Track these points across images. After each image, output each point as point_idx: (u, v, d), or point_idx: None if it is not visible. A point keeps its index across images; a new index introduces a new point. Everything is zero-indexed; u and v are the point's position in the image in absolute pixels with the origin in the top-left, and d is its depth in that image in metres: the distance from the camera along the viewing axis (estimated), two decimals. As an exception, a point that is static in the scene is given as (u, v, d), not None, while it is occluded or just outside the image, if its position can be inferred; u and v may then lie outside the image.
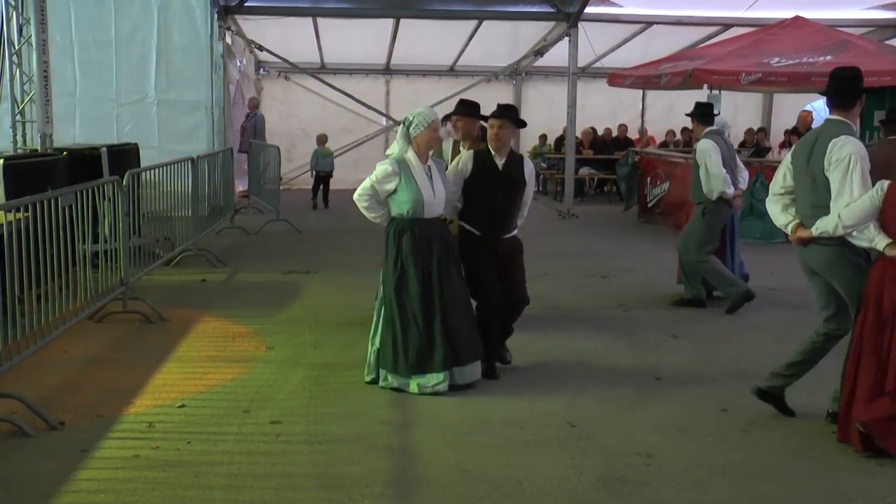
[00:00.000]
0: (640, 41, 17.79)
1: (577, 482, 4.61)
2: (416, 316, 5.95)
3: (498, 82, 19.78)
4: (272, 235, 13.13)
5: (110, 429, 5.27)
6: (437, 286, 5.99)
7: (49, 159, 9.41)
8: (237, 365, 6.63)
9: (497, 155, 6.44)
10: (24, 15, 9.89)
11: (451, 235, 6.28)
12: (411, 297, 5.97)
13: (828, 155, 5.26)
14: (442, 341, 5.93)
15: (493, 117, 6.46)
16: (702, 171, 8.60)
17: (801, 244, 5.47)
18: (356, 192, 6.13)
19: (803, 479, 4.69)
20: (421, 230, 6.01)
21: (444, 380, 5.96)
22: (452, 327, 5.99)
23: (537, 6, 15.50)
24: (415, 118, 6.05)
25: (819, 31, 14.32)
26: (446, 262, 6.06)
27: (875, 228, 5.02)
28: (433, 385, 5.95)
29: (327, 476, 4.64)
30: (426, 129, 6.01)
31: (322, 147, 16.91)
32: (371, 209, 6.13)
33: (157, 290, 8.95)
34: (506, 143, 6.48)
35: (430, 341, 5.94)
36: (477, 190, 6.41)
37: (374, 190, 6.04)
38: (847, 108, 5.51)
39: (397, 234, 6.04)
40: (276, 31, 16.88)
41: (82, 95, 14.78)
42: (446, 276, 6.04)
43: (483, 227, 6.44)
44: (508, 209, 6.49)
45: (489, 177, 6.40)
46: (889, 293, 4.95)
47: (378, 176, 6.01)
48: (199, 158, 11.32)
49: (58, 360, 6.59)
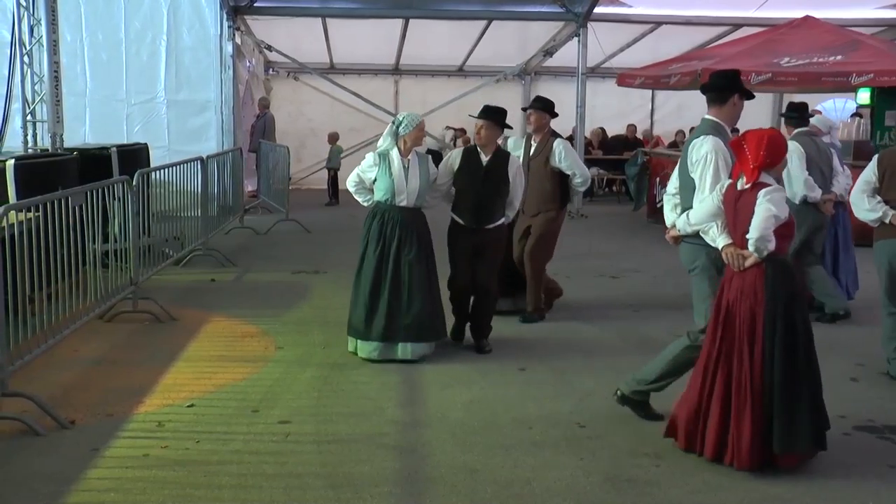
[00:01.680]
0: (650, 41, 17.75)
1: (585, 482, 4.61)
2: (365, 289, 6.71)
3: (507, 82, 19.75)
4: (281, 235, 13.15)
5: (120, 428, 5.29)
6: (391, 267, 6.69)
7: (59, 159, 9.43)
8: (246, 365, 6.64)
9: (483, 152, 7.07)
10: (35, 16, 9.93)
11: (424, 225, 6.91)
12: (365, 273, 6.76)
13: (689, 155, 5.27)
14: (383, 316, 6.63)
15: (478, 118, 7.09)
16: (785, 172, 8.23)
17: (675, 243, 5.47)
18: (348, 179, 7.02)
19: (814, 481, 4.68)
20: (390, 216, 6.77)
21: (375, 349, 6.68)
22: (398, 306, 6.66)
23: (546, 6, 15.49)
24: (404, 119, 6.84)
25: (829, 30, 14.25)
26: (408, 247, 6.72)
27: (718, 228, 4.95)
28: (367, 352, 6.71)
29: (336, 476, 4.65)
30: (414, 129, 6.80)
31: (336, 145, 17.32)
32: (359, 193, 6.96)
33: (167, 289, 8.97)
34: (490, 142, 7.07)
35: (371, 313, 6.66)
36: (462, 183, 7.05)
37: (359, 177, 6.91)
38: (719, 105, 5.37)
39: (370, 217, 6.86)
40: (285, 31, 16.91)
41: (92, 95, 14.87)
42: (405, 260, 6.70)
43: (467, 217, 7.04)
44: (490, 202, 7.04)
45: (474, 172, 7.03)
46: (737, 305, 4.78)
47: (363, 165, 6.91)
48: (209, 158, 11.36)
49: (68, 360, 6.61)
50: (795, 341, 4.71)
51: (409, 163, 6.79)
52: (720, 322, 4.84)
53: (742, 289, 4.77)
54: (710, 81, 5.46)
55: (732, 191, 4.88)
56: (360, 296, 6.74)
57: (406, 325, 6.65)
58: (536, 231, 8.00)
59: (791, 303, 4.73)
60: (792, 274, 4.85)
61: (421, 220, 6.90)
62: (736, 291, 4.79)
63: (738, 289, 4.79)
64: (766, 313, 4.68)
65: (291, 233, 13.35)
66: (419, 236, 6.79)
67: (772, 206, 4.64)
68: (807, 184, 7.98)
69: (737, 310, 4.78)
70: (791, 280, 4.80)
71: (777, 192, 4.72)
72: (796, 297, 4.79)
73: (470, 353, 7.04)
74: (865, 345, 7.21)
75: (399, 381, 6.30)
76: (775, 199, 4.67)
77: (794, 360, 4.69)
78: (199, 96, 15.01)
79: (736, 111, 5.39)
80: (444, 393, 6.04)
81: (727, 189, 4.93)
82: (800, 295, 4.86)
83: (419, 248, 6.76)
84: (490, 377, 6.39)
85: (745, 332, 4.72)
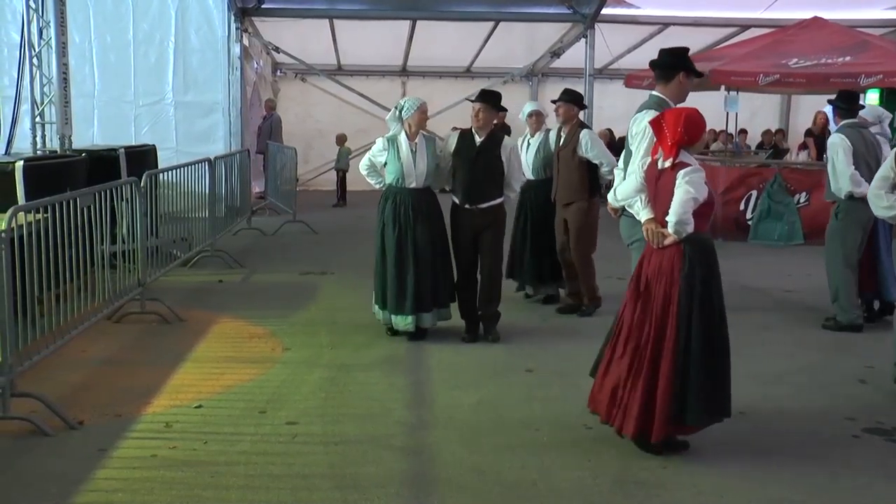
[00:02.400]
0: (657, 42, 17.65)
1: (592, 484, 4.60)
2: (392, 268, 7.16)
3: (514, 84, 19.75)
4: (288, 236, 13.17)
5: (128, 428, 5.30)
6: (411, 245, 7.14)
7: (68, 161, 9.46)
8: (254, 366, 6.65)
9: (477, 134, 7.35)
10: (44, 18, 9.95)
11: (435, 204, 7.32)
12: (388, 253, 7.19)
13: (630, 128, 5.39)
14: (412, 292, 7.13)
15: (475, 101, 7.35)
16: (829, 167, 7.89)
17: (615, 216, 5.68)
18: (361, 162, 7.49)
19: (822, 483, 4.66)
20: (402, 198, 7.21)
21: (411, 322, 7.19)
22: (420, 280, 7.13)
23: (554, 7, 15.49)
24: (405, 103, 7.29)
25: (838, 31, 14.22)
26: (422, 226, 7.17)
27: (642, 203, 5.02)
28: (404, 325, 7.22)
29: (343, 477, 4.65)
30: (416, 111, 7.21)
31: (344, 146, 17.36)
32: (371, 176, 7.44)
33: (175, 290, 8.99)
34: (486, 124, 7.33)
35: (402, 290, 7.15)
36: (458, 163, 7.35)
37: (370, 161, 7.37)
38: (665, 82, 5.47)
39: (383, 199, 7.31)
40: (292, 32, 16.94)
41: (100, 97, 14.91)
42: (420, 238, 7.14)
43: (461, 195, 7.34)
44: (481, 180, 7.29)
45: (467, 152, 7.33)
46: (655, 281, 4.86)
47: (373, 150, 7.36)
48: (216, 159, 11.37)
49: (76, 360, 6.63)
50: (711, 322, 4.79)
51: (416, 146, 7.19)
52: (638, 294, 4.92)
53: (660, 266, 4.85)
54: (658, 58, 5.56)
55: (653, 168, 4.96)
56: (388, 275, 7.18)
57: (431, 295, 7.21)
58: (573, 225, 8.32)
59: (708, 282, 4.80)
60: (709, 253, 4.88)
61: (432, 200, 7.34)
62: (654, 268, 4.88)
63: (656, 266, 4.88)
64: (681, 293, 4.75)
65: (299, 234, 13.36)
66: (430, 215, 7.25)
67: (690, 188, 4.69)
68: (852, 179, 7.65)
69: (654, 286, 4.85)
70: (708, 259, 4.85)
71: (695, 172, 4.76)
72: (713, 277, 4.85)
73: (478, 354, 7.04)
74: (875, 346, 7.17)
75: (406, 383, 6.31)
76: (694, 181, 4.72)
77: (709, 338, 4.77)
78: (206, 98, 15.04)
79: (682, 89, 5.48)
80: (452, 394, 6.04)
81: (648, 166, 5.01)
82: (716, 274, 4.89)
83: (431, 226, 7.23)
84: (497, 378, 6.39)
85: (659, 309, 4.80)
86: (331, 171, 18.00)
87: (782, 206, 12.85)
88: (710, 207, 4.87)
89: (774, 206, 12.86)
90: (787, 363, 6.90)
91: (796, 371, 6.69)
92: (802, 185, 12.90)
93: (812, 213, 12.43)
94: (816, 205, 11.90)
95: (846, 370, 6.60)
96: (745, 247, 12.57)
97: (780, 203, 12.87)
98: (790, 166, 14.33)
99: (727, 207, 13.19)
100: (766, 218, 12.88)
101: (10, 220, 5.34)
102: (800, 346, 7.40)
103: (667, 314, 4.77)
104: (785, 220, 12.81)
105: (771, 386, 6.30)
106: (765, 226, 12.86)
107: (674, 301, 4.75)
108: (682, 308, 4.73)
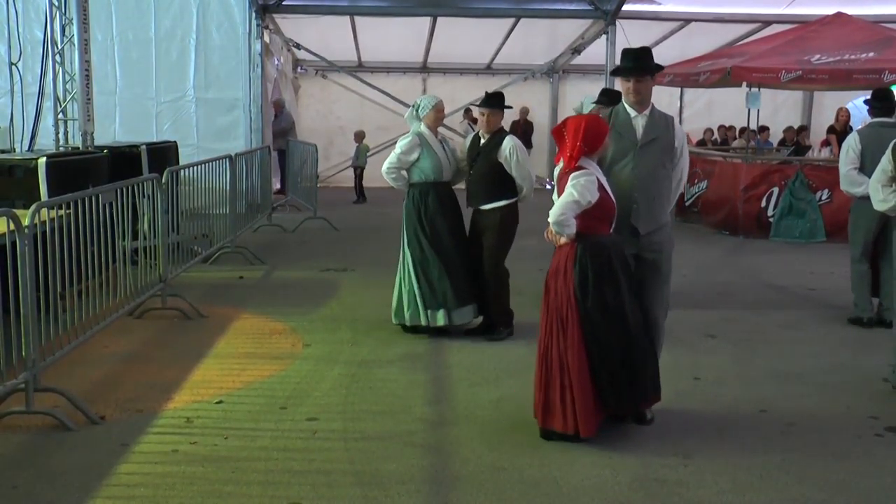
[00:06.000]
0: (679, 39, 17.63)
1: (613, 482, 4.59)
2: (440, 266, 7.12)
3: (535, 80, 19.71)
4: (309, 233, 13.20)
5: (149, 424, 5.33)
6: (445, 241, 7.18)
7: (90, 157, 9.52)
8: (274, 362, 6.67)
9: (483, 137, 7.37)
10: (66, 15, 10.02)
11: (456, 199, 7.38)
12: (444, 247, 7.16)
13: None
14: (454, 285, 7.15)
15: (481, 106, 7.34)
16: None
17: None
18: (384, 166, 7.29)
19: (845, 482, 4.62)
20: (443, 190, 7.27)
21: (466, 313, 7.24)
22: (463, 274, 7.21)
23: (575, 4, 15.42)
24: (422, 101, 7.36)
25: (861, 27, 14.10)
26: (451, 220, 7.24)
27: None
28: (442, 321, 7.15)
29: (364, 473, 4.65)
30: (432, 109, 7.26)
31: (363, 143, 17.41)
32: (398, 179, 7.28)
33: (196, 286, 9.03)
34: (494, 127, 7.28)
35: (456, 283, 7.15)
36: (465, 165, 7.45)
37: (399, 161, 7.20)
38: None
39: (423, 195, 7.21)
40: (313, 29, 16.96)
41: (122, 94, 14.98)
42: (451, 232, 7.22)
43: (467, 196, 7.40)
44: (480, 182, 7.27)
45: (471, 153, 7.39)
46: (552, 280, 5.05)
47: (403, 148, 7.20)
48: (237, 156, 11.41)
49: (98, 356, 6.67)
50: (607, 317, 4.95)
51: (443, 140, 7.45)
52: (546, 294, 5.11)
53: (556, 265, 5.06)
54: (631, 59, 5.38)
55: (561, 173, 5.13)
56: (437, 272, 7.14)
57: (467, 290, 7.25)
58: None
59: (599, 279, 4.95)
60: (602, 252, 5.00)
61: (454, 195, 7.43)
62: (553, 267, 5.09)
63: (554, 265, 5.09)
64: (576, 290, 4.95)
65: (320, 230, 13.39)
66: (455, 210, 7.34)
67: (574, 192, 4.87)
68: (846, 179, 7.79)
69: (552, 285, 5.06)
70: (600, 257, 4.99)
71: (584, 176, 4.91)
72: (605, 274, 4.98)
73: (498, 351, 7.02)
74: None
75: (427, 379, 6.31)
76: (580, 185, 4.89)
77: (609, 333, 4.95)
78: (227, 94, 15.08)
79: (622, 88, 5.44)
80: (472, 391, 6.03)
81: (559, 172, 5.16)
82: (610, 271, 5.00)
83: (457, 221, 7.34)
84: (518, 376, 6.36)
85: (556, 308, 5.00)
86: (350, 168, 18.05)
87: (804, 203, 12.77)
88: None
89: (796, 203, 12.78)
90: (809, 361, 6.85)
91: (819, 370, 6.64)
92: (824, 182, 12.81)
93: (834, 211, 12.34)
94: (838, 202, 11.80)
95: (869, 369, 6.54)
96: (766, 244, 12.51)
97: (802, 200, 12.79)
98: (812, 163, 14.22)
99: (748, 205, 13.13)
100: (788, 215, 12.81)
101: (32, 216, 5.38)
102: (823, 345, 7.35)
103: (567, 311, 4.96)
104: (807, 217, 12.73)
105: (793, 384, 6.26)
106: (786, 223, 12.78)
107: (571, 298, 4.94)
108: (580, 302, 4.93)
